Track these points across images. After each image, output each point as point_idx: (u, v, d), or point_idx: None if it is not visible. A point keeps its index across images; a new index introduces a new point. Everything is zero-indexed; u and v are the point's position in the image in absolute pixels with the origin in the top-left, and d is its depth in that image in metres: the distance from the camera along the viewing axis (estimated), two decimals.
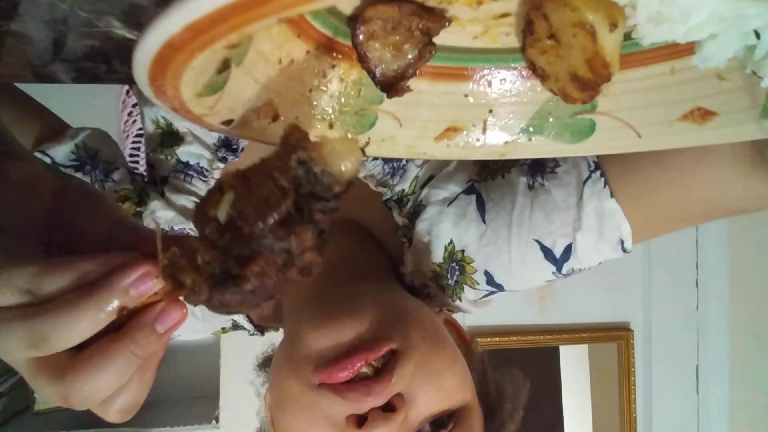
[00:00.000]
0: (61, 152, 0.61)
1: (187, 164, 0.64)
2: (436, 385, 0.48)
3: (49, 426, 1.28)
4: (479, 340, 1.56)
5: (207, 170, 0.64)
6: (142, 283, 0.28)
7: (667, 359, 1.65)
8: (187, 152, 0.63)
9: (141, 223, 0.35)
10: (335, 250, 0.57)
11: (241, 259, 0.26)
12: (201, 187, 0.64)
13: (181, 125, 0.64)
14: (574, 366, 1.74)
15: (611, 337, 1.64)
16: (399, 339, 0.48)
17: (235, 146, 0.63)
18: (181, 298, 0.29)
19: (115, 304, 0.27)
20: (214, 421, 1.33)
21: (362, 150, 0.29)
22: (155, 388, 0.33)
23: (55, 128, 0.65)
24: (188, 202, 0.63)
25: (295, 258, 0.27)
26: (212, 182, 0.64)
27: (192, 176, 0.64)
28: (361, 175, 0.61)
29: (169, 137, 0.65)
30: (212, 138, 0.64)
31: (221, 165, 0.64)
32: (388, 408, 0.46)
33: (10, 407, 1.34)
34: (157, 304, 0.29)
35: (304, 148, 0.28)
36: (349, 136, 0.32)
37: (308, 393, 0.47)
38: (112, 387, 0.28)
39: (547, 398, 1.73)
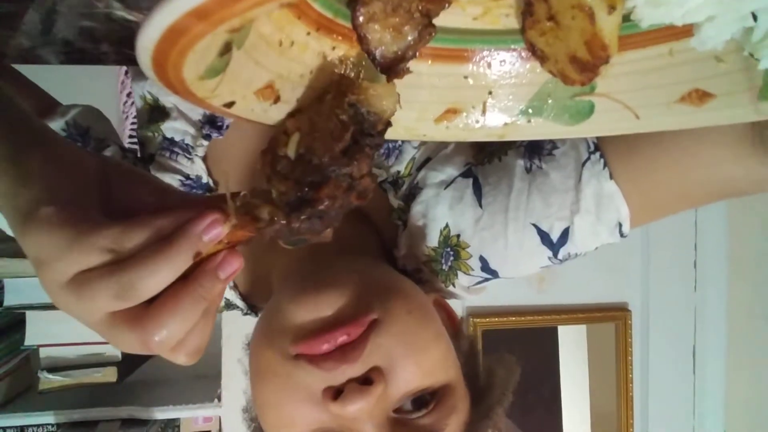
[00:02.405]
0: None
1: (172, 141, 0.63)
2: (417, 359, 0.47)
3: (53, 405, 1.30)
4: (478, 320, 1.57)
5: (192, 147, 0.63)
6: (212, 229, 0.32)
7: (664, 340, 1.66)
8: (172, 128, 0.63)
9: (188, 194, 0.38)
10: None
11: (314, 185, 0.32)
12: (186, 165, 0.63)
13: (167, 100, 0.64)
14: (573, 346, 1.75)
15: (609, 318, 1.65)
16: (380, 309, 0.48)
17: (219, 123, 0.63)
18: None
19: (192, 250, 0.31)
20: (216, 400, 1.35)
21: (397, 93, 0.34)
22: (157, 368, 0.36)
23: (45, 105, 0.65)
24: (173, 180, 0.63)
25: (355, 183, 0.33)
26: (196, 160, 0.63)
27: (177, 153, 0.63)
28: None
29: (156, 113, 0.65)
30: (197, 114, 0.63)
31: (205, 142, 0.63)
32: (367, 382, 0.45)
33: (14, 386, 1.36)
34: (218, 254, 0.33)
35: (353, 92, 0.33)
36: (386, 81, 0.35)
37: (284, 363, 0.47)
38: (184, 329, 0.32)
39: (545, 378, 1.74)
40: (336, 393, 0.45)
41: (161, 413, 1.32)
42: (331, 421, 0.46)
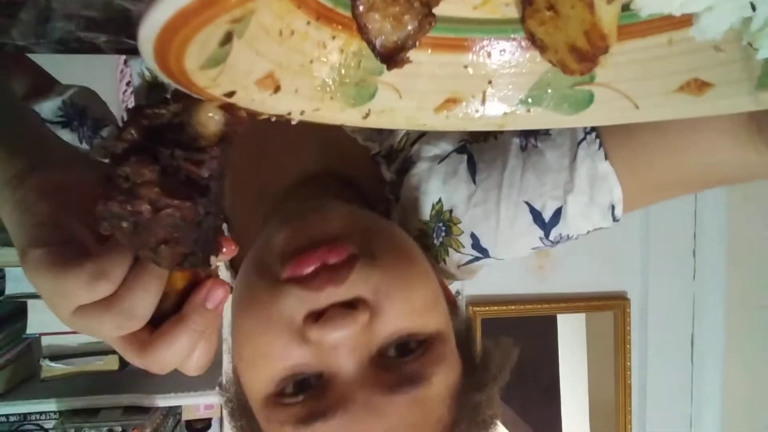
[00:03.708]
0: (47, 108, 0.62)
1: None
2: (405, 296, 0.46)
3: (55, 393, 1.30)
4: (477, 309, 1.58)
5: None
6: None
7: (663, 328, 1.67)
8: None
9: None
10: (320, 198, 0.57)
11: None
12: None
13: None
14: (572, 335, 1.76)
15: (608, 306, 1.65)
16: (366, 242, 0.47)
17: None
18: None
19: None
20: (217, 388, 1.35)
21: (228, 110, 0.32)
22: None
23: (43, 84, 0.66)
24: None
25: (136, 188, 0.30)
26: None
27: None
28: (348, 129, 0.60)
29: (155, 89, 0.65)
30: None
31: None
32: (351, 308, 0.44)
33: (17, 374, 1.36)
34: (204, 285, 0.36)
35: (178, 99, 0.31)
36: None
37: (271, 288, 0.46)
38: (184, 355, 0.36)
39: (544, 366, 1.75)
40: (318, 317, 0.44)
41: (163, 401, 1.33)
42: (308, 358, 0.45)
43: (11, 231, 0.35)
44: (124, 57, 1.52)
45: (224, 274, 0.67)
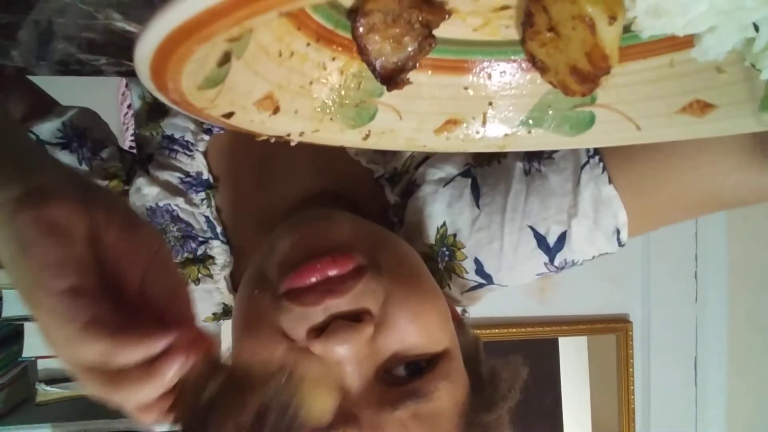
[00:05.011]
0: (46, 129, 0.61)
1: (171, 138, 0.63)
2: (413, 311, 0.44)
3: (51, 417, 1.29)
4: (478, 332, 1.56)
5: (192, 143, 0.62)
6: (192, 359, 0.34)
7: (665, 351, 1.65)
8: (172, 125, 0.62)
9: (176, 270, 0.38)
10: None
11: None
12: (186, 162, 0.62)
13: None
14: (573, 358, 1.75)
15: (610, 329, 1.64)
16: (372, 254, 0.46)
17: None
18: None
19: (176, 378, 0.34)
20: None
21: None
22: None
23: (42, 105, 0.65)
24: (173, 177, 0.62)
25: None
26: (197, 155, 0.62)
27: (177, 151, 0.63)
28: (352, 151, 0.60)
29: (155, 111, 0.64)
30: None
31: (206, 137, 0.62)
32: (356, 321, 0.42)
33: (11, 398, 1.34)
34: None
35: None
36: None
37: (269, 305, 0.44)
38: None
39: (546, 390, 1.73)
40: (321, 332, 0.42)
41: (158, 425, 1.31)
42: None
43: (8, 261, 0.34)
44: (125, 80, 1.53)
45: (224, 287, 0.66)
